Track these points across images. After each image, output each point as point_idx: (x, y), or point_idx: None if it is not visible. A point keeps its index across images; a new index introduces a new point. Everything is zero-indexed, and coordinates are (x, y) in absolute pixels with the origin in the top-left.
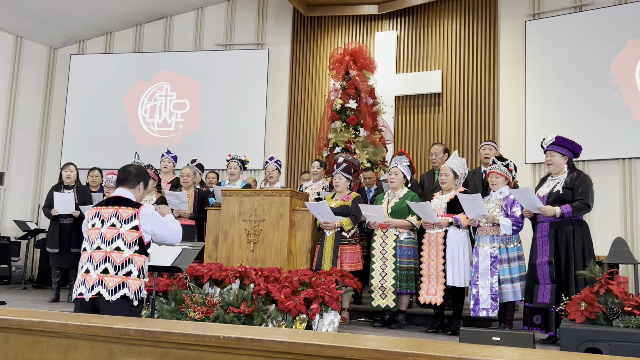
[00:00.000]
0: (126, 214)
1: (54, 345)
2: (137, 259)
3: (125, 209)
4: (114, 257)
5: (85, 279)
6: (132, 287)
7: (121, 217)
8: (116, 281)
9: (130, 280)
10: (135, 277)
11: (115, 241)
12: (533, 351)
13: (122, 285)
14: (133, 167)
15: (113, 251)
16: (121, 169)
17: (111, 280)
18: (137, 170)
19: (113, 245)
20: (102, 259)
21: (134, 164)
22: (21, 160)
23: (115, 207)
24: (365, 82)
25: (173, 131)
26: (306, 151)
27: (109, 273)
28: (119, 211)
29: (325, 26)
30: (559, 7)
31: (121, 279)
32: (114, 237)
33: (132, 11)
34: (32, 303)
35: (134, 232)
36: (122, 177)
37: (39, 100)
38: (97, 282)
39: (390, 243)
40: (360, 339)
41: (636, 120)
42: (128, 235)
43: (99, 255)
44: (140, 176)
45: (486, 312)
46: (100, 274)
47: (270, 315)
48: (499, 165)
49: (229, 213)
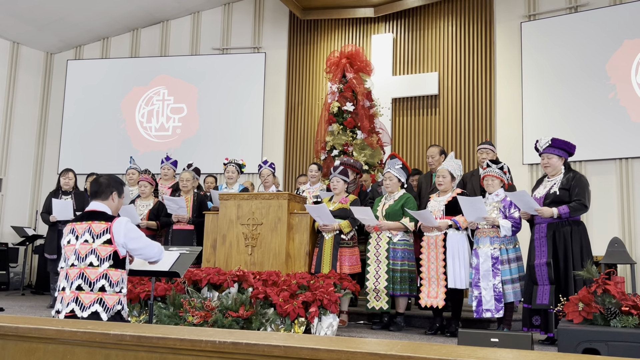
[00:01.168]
0: (99, 228)
1: (50, 352)
2: (112, 273)
3: (98, 223)
4: (88, 273)
5: (62, 297)
6: (108, 303)
7: (94, 232)
8: (91, 297)
9: (107, 296)
10: (112, 292)
11: (88, 257)
12: (528, 353)
13: (97, 302)
14: (103, 177)
15: (87, 267)
16: (92, 181)
17: (86, 297)
18: (107, 180)
19: (87, 261)
20: (77, 275)
21: (104, 174)
22: (18, 166)
23: (88, 222)
24: (362, 84)
25: (170, 135)
26: (304, 154)
27: (84, 290)
28: (92, 226)
29: (321, 29)
30: (554, 8)
31: (96, 295)
32: (87, 252)
33: (128, 16)
34: (30, 309)
35: (108, 246)
36: (94, 190)
37: (36, 105)
38: (71, 299)
39: (383, 245)
40: (356, 342)
41: (633, 121)
42: (102, 249)
43: (74, 272)
44: (112, 185)
45: (490, 314)
46: (75, 290)
47: (269, 319)
48: (493, 168)
49: (227, 217)
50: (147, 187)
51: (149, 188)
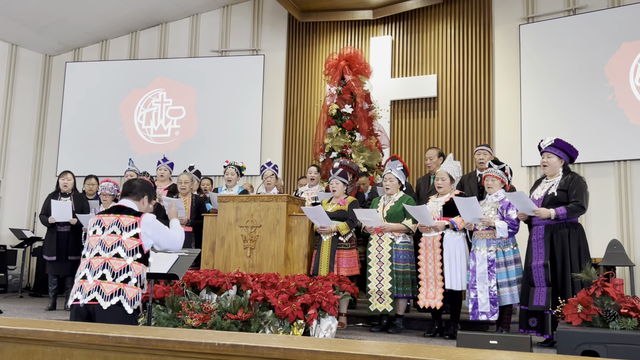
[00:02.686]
0: (127, 221)
1: (49, 354)
2: (136, 267)
3: (127, 217)
4: (112, 264)
5: (82, 285)
6: (128, 295)
7: (122, 224)
8: (113, 287)
9: (128, 288)
10: (133, 285)
11: (115, 248)
12: (528, 355)
13: (119, 292)
14: (138, 180)
15: (112, 258)
16: (126, 183)
17: (108, 287)
18: (141, 183)
19: (113, 252)
20: (101, 265)
21: (138, 178)
22: (17, 168)
23: (117, 215)
24: (360, 87)
25: (169, 138)
26: (302, 156)
27: (107, 279)
28: (121, 219)
29: (320, 32)
30: (553, 11)
31: (118, 285)
32: (114, 244)
33: (127, 18)
34: (28, 312)
35: (135, 240)
36: (126, 190)
37: (34, 107)
38: (94, 288)
39: (386, 247)
40: (355, 344)
41: (631, 123)
42: (128, 242)
43: (98, 261)
44: (145, 190)
45: (486, 316)
46: (98, 280)
47: (268, 321)
48: (495, 168)
49: (226, 219)
50: None
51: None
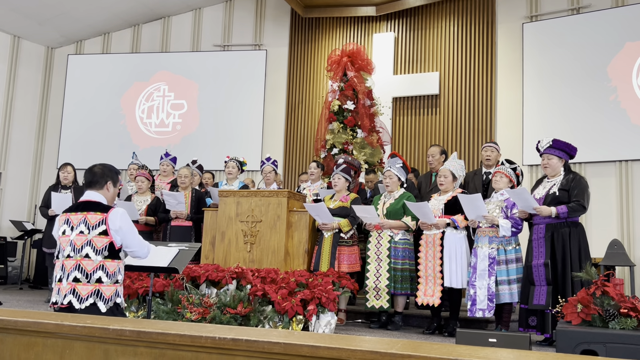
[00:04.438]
0: (94, 219)
1: (49, 346)
2: (109, 264)
3: (94, 214)
4: (84, 265)
5: (59, 288)
6: (105, 294)
7: (89, 223)
8: (89, 289)
9: (104, 287)
10: (109, 283)
11: (84, 248)
12: (528, 353)
13: (94, 293)
14: (97, 167)
15: (83, 259)
16: (87, 171)
17: (84, 289)
18: (102, 169)
19: (83, 252)
20: (73, 267)
21: (99, 163)
22: (18, 160)
23: (83, 213)
24: (362, 83)
25: (170, 132)
26: (304, 152)
27: (81, 281)
28: (87, 217)
29: (323, 27)
30: (556, 10)
31: (94, 286)
32: (83, 244)
33: (129, 11)
34: (28, 303)
35: (104, 237)
36: (88, 180)
37: (36, 100)
38: (68, 291)
39: (384, 244)
40: (356, 340)
41: (633, 123)
42: (97, 241)
43: (70, 263)
44: (107, 175)
45: (482, 313)
46: (72, 282)
47: (267, 316)
48: (506, 166)
49: (226, 214)
50: (144, 182)
51: (145, 183)
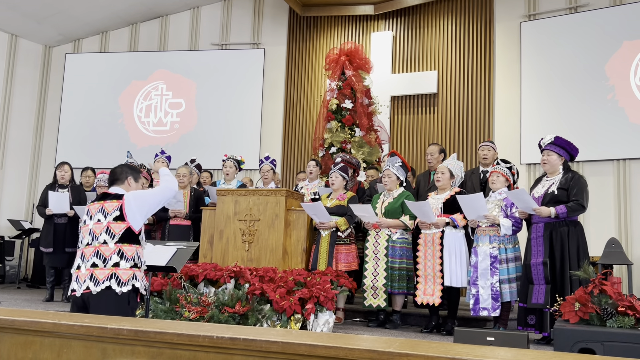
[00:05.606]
0: (111, 207)
1: (47, 345)
2: (126, 249)
3: (110, 202)
4: (103, 251)
5: (78, 276)
6: (122, 277)
7: (106, 210)
8: (105, 273)
9: (120, 271)
10: (127, 267)
11: (102, 235)
12: (526, 351)
13: (111, 277)
14: (118, 166)
15: (102, 245)
16: (110, 172)
17: (101, 273)
18: (121, 167)
19: (101, 239)
20: (92, 253)
21: (119, 164)
22: (15, 159)
23: (101, 202)
24: (361, 82)
25: (168, 130)
26: (302, 151)
27: (98, 266)
28: (105, 205)
29: (321, 26)
30: (554, 8)
31: (110, 270)
32: (102, 231)
33: (128, 10)
34: (26, 302)
35: (120, 223)
36: (111, 179)
37: (33, 99)
38: (87, 277)
39: (382, 243)
40: (354, 339)
41: (631, 122)
42: (114, 227)
43: (89, 250)
44: (126, 171)
45: (487, 312)
46: (90, 267)
47: (265, 315)
48: (502, 165)
49: (224, 213)
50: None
51: (142, 180)
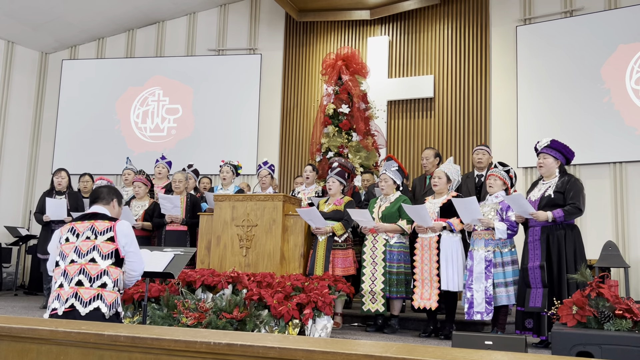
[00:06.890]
0: (102, 226)
1: (44, 352)
2: (112, 271)
3: (102, 222)
4: (89, 269)
5: (59, 294)
6: (107, 300)
7: (97, 229)
8: (91, 293)
9: (106, 293)
10: (111, 289)
11: (90, 253)
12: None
13: (97, 297)
14: (103, 187)
15: (88, 263)
16: (93, 190)
17: (86, 292)
18: (108, 188)
19: (88, 257)
20: (77, 271)
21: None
22: (12, 166)
23: (91, 221)
24: (357, 87)
25: (165, 136)
26: (299, 156)
27: (84, 285)
28: (95, 224)
29: (317, 31)
30: (549, 12)
31: (96, 290)
32: (89, 249)
33: (124, 16)
34: (23, 309)
35: (110, 243)
36: (95, 197)
37: (30, 105)
38: (71, 294)
39: (380, 247)
40: (352, 344)
41: (626, 125)
42: (104, 246)
43: (74, 268)
44: (113, 193)
45: (480, 316)
46: (75, 286)
47: (263, 321)
48: (500, 169)
49: (222, 218)
50: (142, 187)
51: (143, 189)
